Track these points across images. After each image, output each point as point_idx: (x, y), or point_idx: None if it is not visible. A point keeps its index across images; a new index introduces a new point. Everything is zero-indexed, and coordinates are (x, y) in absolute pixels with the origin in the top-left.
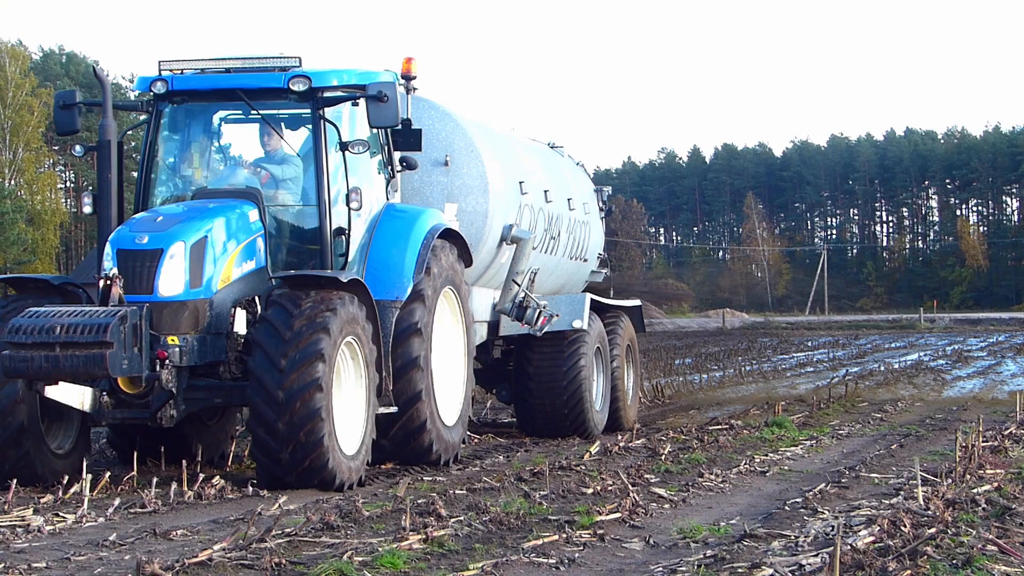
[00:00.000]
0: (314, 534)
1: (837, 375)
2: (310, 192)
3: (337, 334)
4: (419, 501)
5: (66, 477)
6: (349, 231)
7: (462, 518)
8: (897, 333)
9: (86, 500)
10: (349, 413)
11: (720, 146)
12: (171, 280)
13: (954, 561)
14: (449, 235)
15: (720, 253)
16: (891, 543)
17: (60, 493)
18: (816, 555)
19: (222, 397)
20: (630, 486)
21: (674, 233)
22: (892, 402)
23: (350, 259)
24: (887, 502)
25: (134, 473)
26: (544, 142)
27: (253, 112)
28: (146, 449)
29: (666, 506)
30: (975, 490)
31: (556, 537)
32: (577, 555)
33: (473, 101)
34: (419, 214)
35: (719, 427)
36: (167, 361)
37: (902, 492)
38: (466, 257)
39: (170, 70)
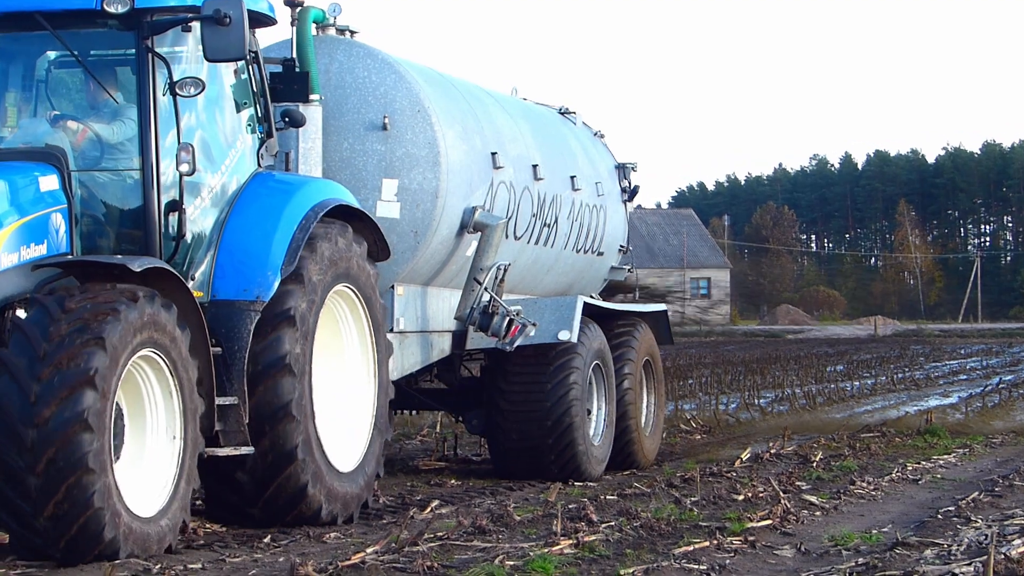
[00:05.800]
0: (466, 538)
1: (991, 383)
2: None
3: (122, 346)
4: (570, 506)
5: None
6: (182, 203)
7: (613, 523)
8: None
9: None
10: (149, 458)
11: (872, 152)
12: None
13: None
14: (348, 214)
15: (872, 260)
16: None
17: None
18: (969, 564)
19: None
20: (781, 493)
21: (825, 240)
22: None
23: (198, 243)
24: None
25: None
26: (555, 107)
27: (79, 52)
28: None
29: (817, 513)
30: None
31: (707, 543)
32: (728, 562)
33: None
34: (300, 184)
35: (871, 434)
36: None
37: None
38: (378, 245)
39: None
